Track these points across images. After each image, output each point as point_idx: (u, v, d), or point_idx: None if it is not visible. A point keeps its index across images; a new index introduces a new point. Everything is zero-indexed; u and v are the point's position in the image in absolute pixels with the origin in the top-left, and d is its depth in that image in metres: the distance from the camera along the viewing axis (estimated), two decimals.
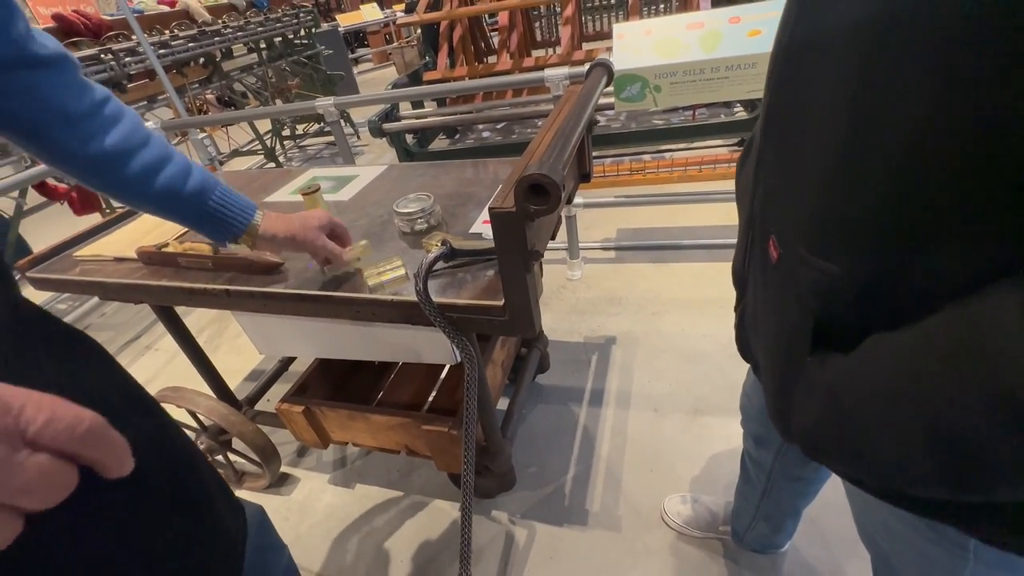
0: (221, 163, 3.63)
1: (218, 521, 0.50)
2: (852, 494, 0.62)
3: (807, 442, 0.47)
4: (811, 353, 0.44)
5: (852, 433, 0.40)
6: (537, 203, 0.66)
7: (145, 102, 3.27)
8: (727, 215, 2.41)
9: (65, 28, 2.66)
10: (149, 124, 2.22)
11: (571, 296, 2.13)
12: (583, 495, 1.38)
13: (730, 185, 2.42)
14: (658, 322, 1.90)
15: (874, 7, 0.32)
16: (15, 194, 2.20)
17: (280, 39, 4.19)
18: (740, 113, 3.20)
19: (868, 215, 0.37)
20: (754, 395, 0.87)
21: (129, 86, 3.03)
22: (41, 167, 2.09)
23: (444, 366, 1.46)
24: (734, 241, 2.34)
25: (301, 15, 4.36)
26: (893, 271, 0.36)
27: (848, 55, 0.35)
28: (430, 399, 1.39)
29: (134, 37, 2.75)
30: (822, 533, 1.20)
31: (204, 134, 2.54)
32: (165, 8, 3.55)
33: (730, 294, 0.72)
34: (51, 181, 2.79)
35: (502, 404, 1.46)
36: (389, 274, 0.91)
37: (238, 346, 2.17)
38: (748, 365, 0.75)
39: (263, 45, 4.07)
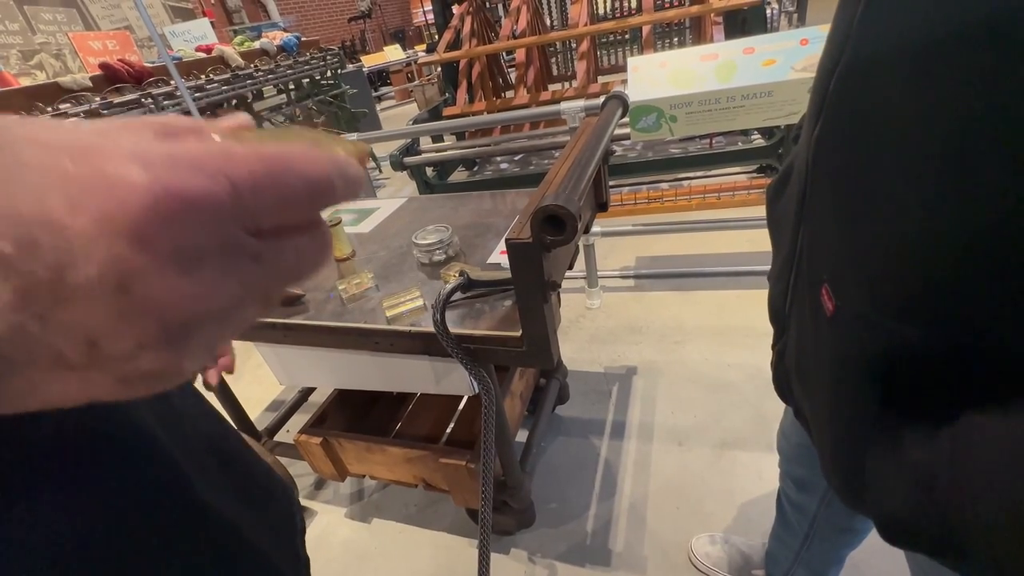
0: None
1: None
2: (916, 557, 0.56)
3: (894, 530, 0.41)
4: (880, 421, 0.40)
5: (961, 530, 0.34)
6: (554, 234, 0.66)
7: None
8: (749, 242, 2.37)
9: (110, 76, 2.84)
10: None
11: (590, 325, 2.10)
12: (606, 533, 1.32)
13: (751, 212, 2.40)
14: (681, 351, 1.86)
15: (976, 14, 0.27)
16: None
17: (308, 80, 4.39)
18: (758, 141, 3.19)
19: (970, 273, 0.31)
20: (792, 435, 0.82)
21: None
22: None
23: (462, 397, 1.44)
24: (757, 268, 2.29)
25: (328, 57, 4.58)
26: (992, 337, 0.32)
27: (946, 74, 0.29)
28: (448, 431, 1.37)
29: (172, 82, 2.91)
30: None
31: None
32: (202, 55, 3.77)
33: (755, 323, 0.70)
34: None
35: (521, 436, 1.43)
36: (407, 304, 0.92)
37: (259, 376, 2.20)
38: (779, 398, 0.71)
39: (292, 86, 4.27)
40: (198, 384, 0.56)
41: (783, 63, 1.45)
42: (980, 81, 0.28)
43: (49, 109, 2.76)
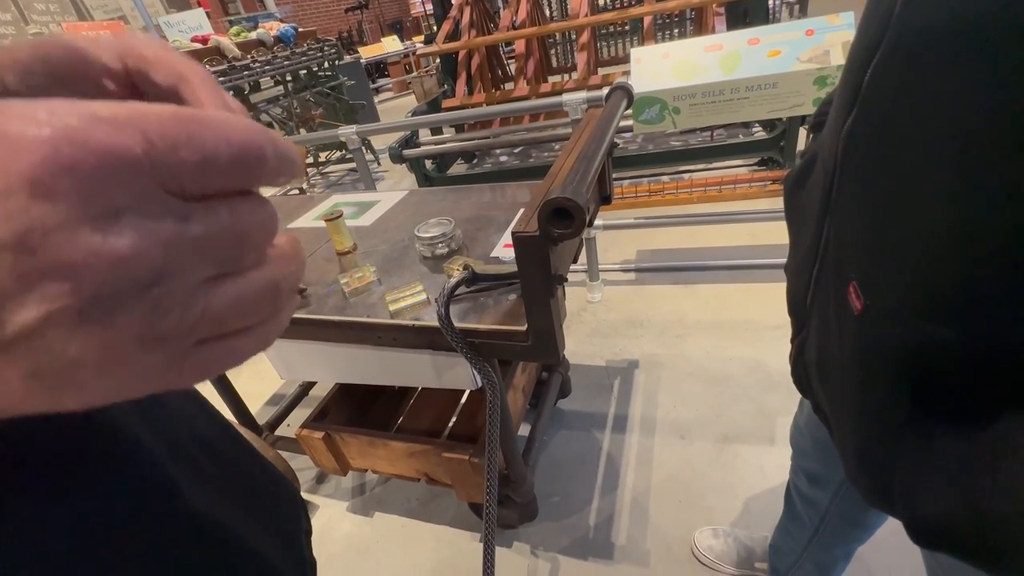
0: None
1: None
2: (938, 557, 0.56)
3: (927, 531, 0.41)
4: (912, 421, 0.39)
5: (1001, 535, 0.34)
6: (561, 227, 0.64)
7: None
8: (751, 236, 2.36)
9: None
10: None
11: (592, 319, 2.10)
12: (608, 527, 1.32)
13: (752, 205, 2.38)
14: (682, 345, 1.86)
15: None
16: None
17: (305, 71, 4.35)
18: (759, 133, 3.18)
19: (1011, 272, 0.30)
20: (808, 431, 0.81)
21: None
22: None
23: (464, 391, 1.44)
24: (759, 262, 2.28)
25: (325, 48, 4.53)
26: None
27: (997, 64, 0.28)
28: (450, 426, 1.36)
29: None
30: (871, 573, 1.12)
31: None
32: (198, 45, 3.72)
33: (757, 316, 0.69)
34: None
35: (523, 430, 1.43)
36: (410, 299, 0.91)
37: (259, 371, 2.19)
38: (783, 391, 0.70)
39: (289, 78, 4.23)
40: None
41: (789, 54, 1.43)
42: None
43: None
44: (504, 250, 1.05)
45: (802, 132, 2.75)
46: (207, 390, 1.48)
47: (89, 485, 0.27)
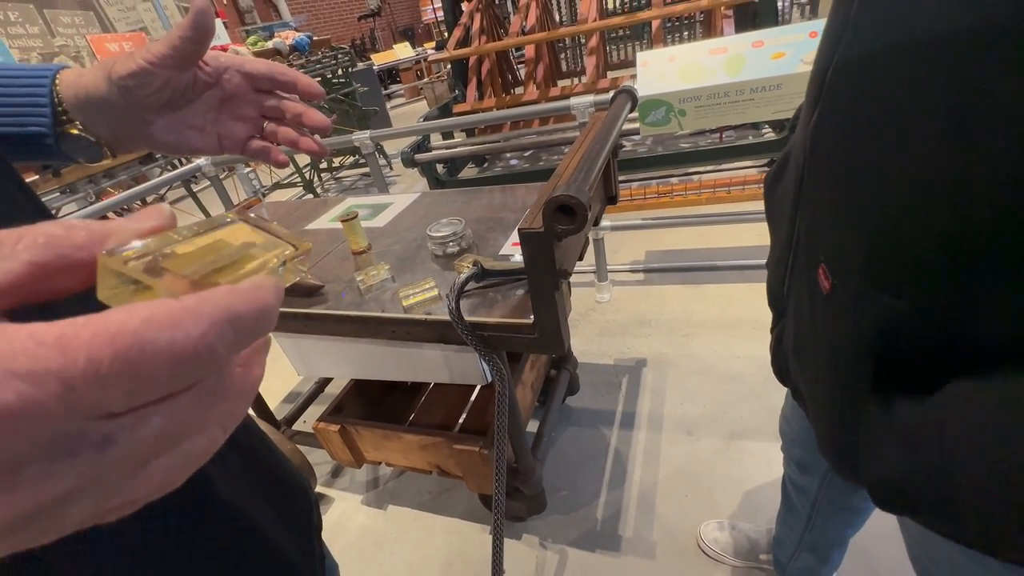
0: (264, 195, 3.84)
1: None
2: (908, 528, 0.58)
3: (886, 494, 0.44)
4: (873, 392, 0.42)
5: (948, 490, 0.37)
6: (565, 223, 0.68)
7: None
8: (759, 236, 2.38)
9: None
10: (200, 161, 2.39)
11: (600, 319, 2.13)
12: (616, 520, 1.35)
13: (761, 206, 2.40)
14: (690, 344, 1.88)
15: (970, 18, 0.30)
16: None
17: (320, 79, 4.45)
18: (768, 134, 3.18)
19: (953, 243, 0.34)
20: (794, 419, 0.85)
21: None
22: (104, 203, 2.26)
23: (474, 388, 1.48)
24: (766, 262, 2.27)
25: (339, 56, 4.63)
26: (976, 307, 0.34)
27: (938, 71, 0.32)
28: (461, 420, 1.40)
29: None
30: (871, 564, 1.13)
31: (249, 168, 2.71)
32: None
33: (764, 315, 0.72)
34: (111, 215, 3.01)
35: (532, 427, 1.46)
36: (423, 295, 0.95)
37: (276, 369, 2.25)
38: (778, 380, 0.73)
39: None
40: None
41: (792, 56, 1.45)
42: (980, 80, 0.30)
43: None
44: (512, 249, 1.09)
45: None
46: None
47: None
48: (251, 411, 1.53)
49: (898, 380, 0.40)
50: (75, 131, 0.43)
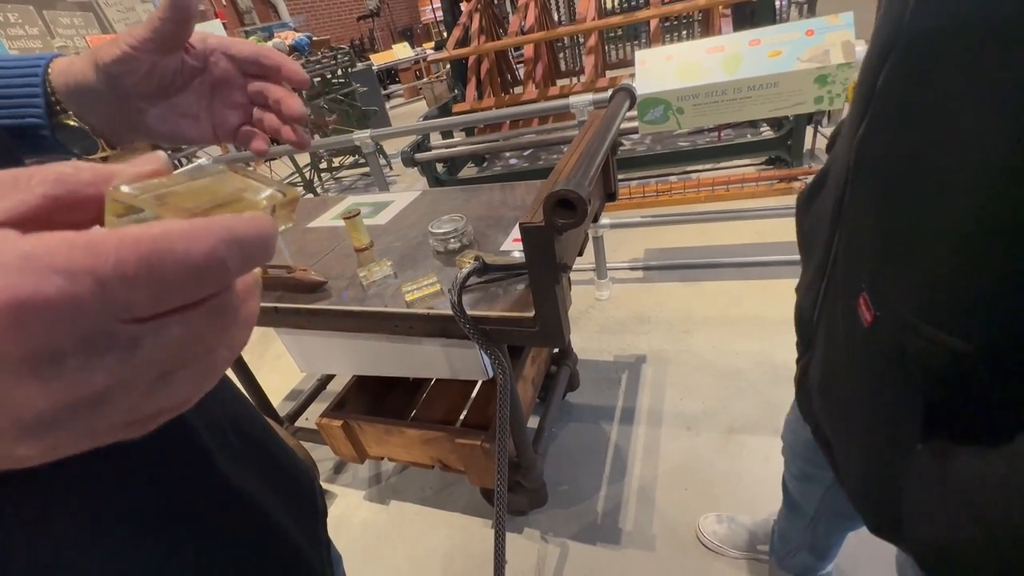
0: None
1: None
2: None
3: (939, 562, 0.37)
4: (923, 441, 0.37)
5: (1017, 565, 0.31)
6: (565, 217, 0.70)
7: None
8: (757, 233, 2.39)
9: None
10: (201, 160, 2.40)
11: (600, 316, 2.14)
12: (616, 514, 1.36)
13: (759, 203, 2.42)
14: (689, 340, 1.89)
15: None
16: None
17: (319, 79, 4.46)
18: (767, 132, 3.20)
19: None
20: (800, 431, 0.81)
21: None
22: None
23: (475, 384, 1.49)
24: (765, 259, 2.31)
25: (338, 56, 4.65)
26: None
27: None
28: (462, 415, 1.42)
29: None
30: (868, 555, 1.15)
31: (251, 167, 2.71)
32: None
33: (763, 312, 0.72)
34: None
35: (532, 422, 1.47)
36: (425, 290, 0.97)
37: (279, 366, 2.26)
38: (790, 384, 0.67)
39: None
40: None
41: (789, 54, 1.47)
42: None
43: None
44: (512, 245, 1.10)
45: (808, 131, 2.78)
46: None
47: (135, 447, 0.34)
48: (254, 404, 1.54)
49: (954, 429, 0.35)
50: (70, 122, 0.42)
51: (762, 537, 1.18)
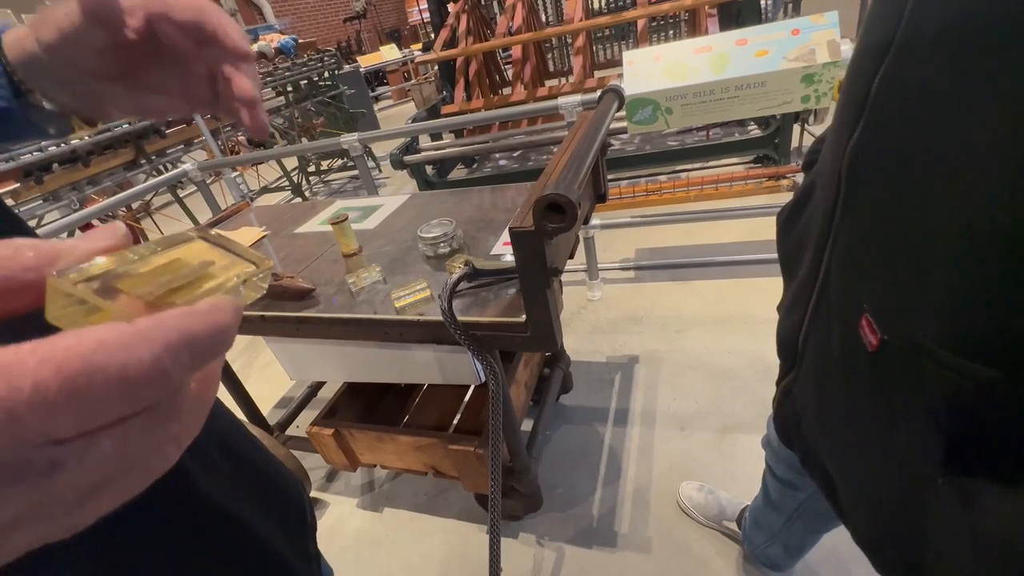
0: (252, 199, 3.80)
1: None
2: None
3: None
4: (946, 479, 0.33)
5: None
6: (555, 221, 0.69)
7: (183, 145, 3.48)
8: (747, 231, 2.41)
9: None
10: (186, 166, 2.36)
11: (592, 317, 2.14)
12: (611, 516, 1.36)
13: (748, 201, 2.43)
14: (681, 340, 1.90)
15: None
16: (64, 235, 2.35)
17: (306, 82, 4.42)
18: (754, 131, 3.22)
19: None
20: (780, 449, 0.79)
21: (168, 131, 3.24)
22: (88, 210, 2.23)
23: (468, 389, 1.48)
24: (755, 257, 2.33)
25: (325, 59, 4.61)
26: None
27: None
28: (455, 421, 1.40)
29: None
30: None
31: (236, 173, 2.69)
32: None
33: (754, 310, 0.71)
34: (96, 223, 2.96)
35: (526, 425, 1.47)
36: (416, 296, 0.95)
37: (268, 374, 2.24)
38: (782, 443, 0.63)
39: (290, 88, 4.30)
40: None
41: (775, 53, 1.47)
42: None
43: None
44: (503, 248, 1.09)
45: (796, 129, 2.80)
46: (220, 392, 1.52)
47: None
48: (243, 416, 1.52)
49: (982, 467, 0.31)
50: (40, 103, 0.38)
51: (730, 514, 1.22)
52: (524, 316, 0.83)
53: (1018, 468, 0.30)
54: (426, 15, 8.25)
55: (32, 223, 2.67)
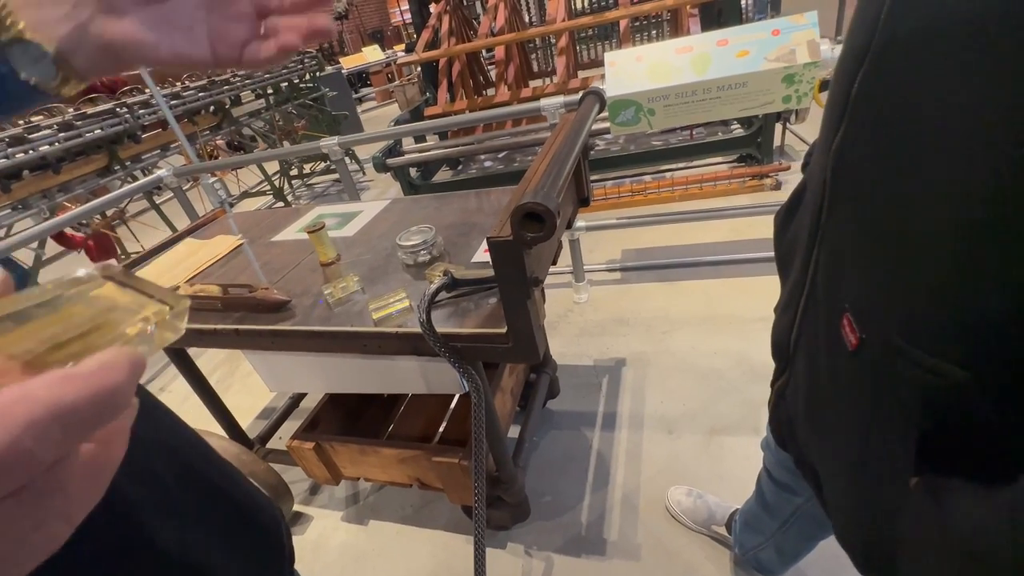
0: (232, 205, 3.73)
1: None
2: None
3: None
4: (916, 476, 0.34)
5: None
6: (534, 231, 0.67)
7: (158, 151, 3.39)
8: (732, 231, 2.41)
9: None
10: (162, 172, 2.30)
11: (579, 319, 2.12)
12: (600, 523, 1.34)
13: (733, 201, 2.45)
14: (668, 341, 1.89)
15: None
16: (35, 245, 2.27)
17: (286, 84, 4.35)
18: (737, 130, 3.23)
19: None
20: (777, 452, 0.78)
21: (143, 136, 3.16)
22: (59, 218, 2.16)
23: (453, 397, 1.45)
24: (741, 257, 2.34)
25: (306, 60, 4.54)
26: None
27: (1008, 63, 0.25)
28: (440, 431, 1.38)
29: (148, 90, 2.87)
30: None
31: (215, 178, 2.62)
32: None
33: (740, 310, 0.70)
34: (69, 231, 2.88)
35: (513, 432, 1.44)
36: (394, 306, 0.93)
37: (249, 385, 2.18)
38: (765, 383, 0.64)
39: (270, 90, 4.23)
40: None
41: (756, 54, 1.47)
42: None
43: (21, 122, 2.71)
44: (486, 255, 1.07)
45: (778, 128, 2.82)
46: (203, 411, 1.48)
47: None
48: (224, 432, 1.47)
49: (954, 464, 0.32)
50: (21, 35, 0.29)
51: (719, 518, 1.21)
52: (505, 327, 0.81)
53: (986, 471, 0.30)
54: (408, 16, 8.20)
55: None
